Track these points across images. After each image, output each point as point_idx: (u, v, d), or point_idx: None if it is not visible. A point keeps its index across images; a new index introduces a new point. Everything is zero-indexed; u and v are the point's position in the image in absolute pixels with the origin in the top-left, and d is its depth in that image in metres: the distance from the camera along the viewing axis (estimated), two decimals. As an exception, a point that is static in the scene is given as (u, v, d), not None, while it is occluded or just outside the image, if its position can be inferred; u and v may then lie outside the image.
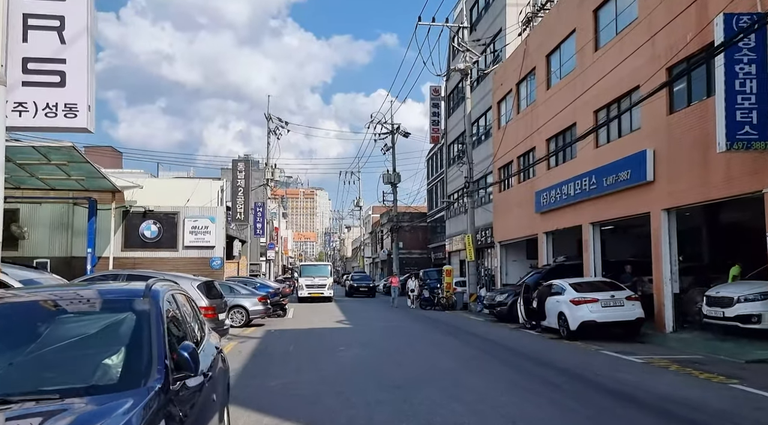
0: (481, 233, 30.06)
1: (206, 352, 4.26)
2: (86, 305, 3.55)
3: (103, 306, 3.59)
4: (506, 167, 26.36)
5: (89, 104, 6.06)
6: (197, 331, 4.55)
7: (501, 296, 19.51)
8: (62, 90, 5.95)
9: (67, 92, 5.98)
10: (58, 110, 5.99)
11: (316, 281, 33.37)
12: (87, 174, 18.10)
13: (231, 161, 23.98)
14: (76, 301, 3.54)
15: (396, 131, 44.44)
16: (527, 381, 8.65)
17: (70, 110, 6.01)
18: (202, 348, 4.22)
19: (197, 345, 4.19)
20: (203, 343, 4.37)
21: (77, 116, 6.06)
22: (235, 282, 20.31)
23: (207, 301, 11.50)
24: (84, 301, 3.60)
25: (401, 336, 15.37)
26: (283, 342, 14.19)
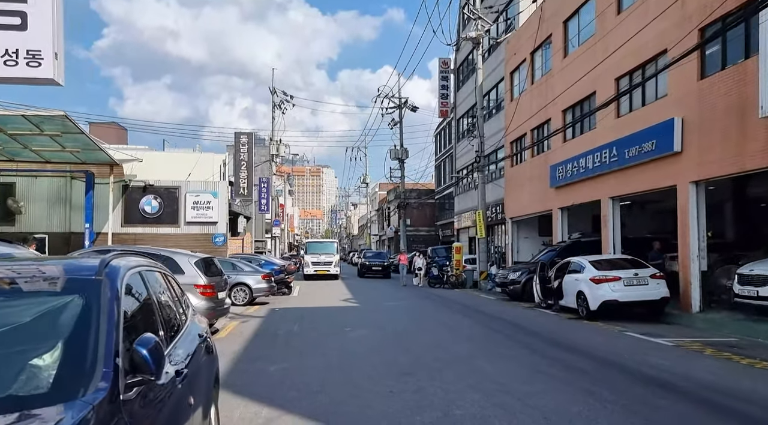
0: (492, 210, 29.21)
1: (185, 343, 3.50)
2: (20, 285, 2.78)
3: (42, 287, 2.81)
4: (519, 140, 25.37)
5: (56, 52, 5.22)
6: (178, 317, 3.80)
7: (514, 274, 18.76)
8: (23, 34, 5.09)
9: (29, 37, 5.12)
10: (19, 57, 5.16)
11: (322, 258, 32.74)
12: (83, 146, 17.33)
13: (234, 133, 23.23)
14: (6, 279, 2.77)
15: (403, 105, 43.30)
16: (551, 366, 7.91)
17: (33, 58, 5.17)
18: (180, 339, 3.46)
19: (174, 334, 3.44)
20: (182, 332, 3.61)
21: (41, 65, 5.23)
22: (239, 259, 19.65)
23: (205, 279, 10.80)
24: (18, 279, 2.83)
25: (411, 316, 14.67)
26: (287, 321, 13.53)
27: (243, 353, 9.34)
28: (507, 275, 19.13)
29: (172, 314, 3.65)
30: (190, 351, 3.50)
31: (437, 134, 53.25)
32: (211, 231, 22.26)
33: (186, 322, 3.96)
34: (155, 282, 3.54)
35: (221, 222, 22.27)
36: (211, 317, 10.98)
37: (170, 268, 10.75)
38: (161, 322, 3.12)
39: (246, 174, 22.94)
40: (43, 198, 21.01)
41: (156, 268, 3.80)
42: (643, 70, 15.58)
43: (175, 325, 3.60)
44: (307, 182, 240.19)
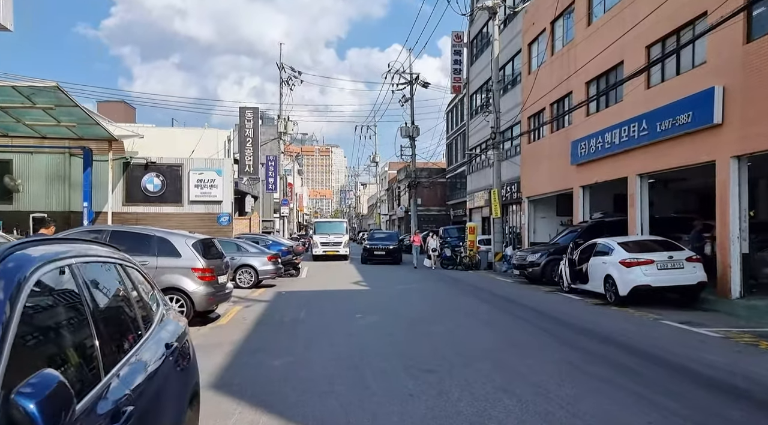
0: (507, 189, 28.13)
1: (141, 363, 2.58)
2: None
3: None
4: (537, 115, 24.17)
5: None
6: (136, 323, 2.85)
7: (533, 256, 17.79)
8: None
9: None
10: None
11: (331, 238, 31.92)
12: (79, 120, 16.46)
13: (238, 108, 22.08)
14: None
15: (415, 81, 42.01)
16: (589, 363, 6.98)
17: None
18: (134, 355, 2.54)
19: (128, 348, 2.53)
20: (139, 345, 2.69)
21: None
22: (244, 240, 18.81)
23: (204, 262, 9.94)
24: None
25: (425, 301, 13.79)
26: (294, 306, 12.70)
27: (244, 343, 8.51)
28: (525, 256, 18.16)
29: (124, 322, 2.74)
30: (150, 370, 2.59)
31: (449, 112, 51.93)
32: (216, 211, 21.43)
33: (151, 327, 3.04)
34: (100, 278, 2.61)
35: (226, 201, 21.42)
36: (211, 303, 10.16)
37: (165, 250, 9.91)
38: (98, 337, 2.20)
39: (252, 151, 21.95)
40: (42, 176, 20.24)
41: (108, 258, 2.86)
42: (678, 36, 14.35)
43: (130, 335, 2.68)
44: (316, 161, 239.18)
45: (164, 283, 9.72)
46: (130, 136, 19.72)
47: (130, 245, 10.05)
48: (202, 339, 8.98)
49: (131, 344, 2.59)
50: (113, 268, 2.86)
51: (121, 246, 9.11)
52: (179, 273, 9.79)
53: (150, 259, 9.81)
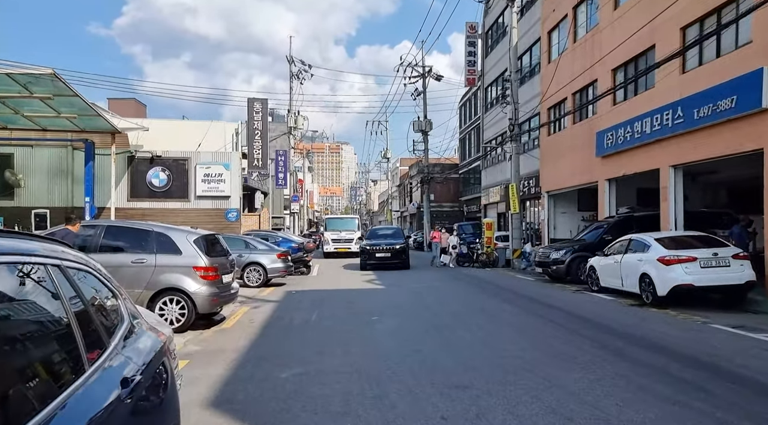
0: (525, 183, 27.12)
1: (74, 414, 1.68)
2: None
3: None
4: (557, 106, 23.12)
5: None
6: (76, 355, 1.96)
7: (557, 253, 16.79)
8: None
9: None
10: None
11: (342, 235, 31.09)
12: (79, 111, 15.69)
13: (246, 99, 21.25)
14: None
15: (427, 74, 41.03)
16: (645, 376, 6.04)
17: None
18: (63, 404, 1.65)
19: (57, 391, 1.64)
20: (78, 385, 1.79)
21: None
22: (253, 237, 18.00)
23: (207, 260, 9.09)
24: None
25: (445, 302, 12.86)
26: (305, 307, 11.84)
27: (250, 350, 7.65)
28: (548, 253, 17.17)
29: (49, 351, 1.84)
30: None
31: (461, 106, 50.85)
32: (224, 206, 20.63)
33: (104, 354, 2.15)
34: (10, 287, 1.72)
35: (234, 196, 20.61)
36: (215, 304, 9.31)
37: (165, 247, 9.05)
38: None
39: (261, 144, 21.08)
40: (44, 170, 19.54)
41: (38, 258, 1.98)
42: (719, 14, 13.29)
43: (59, 369, 1.79)
44: (326, 158, 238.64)
45: (163, 283, 8.91)
46: (134, 129, 18.96)
47: (126, 241, 9.25)
48: (203, 344, 8.14)
49: (53, 388, 1.69)
50: (43, 271, 1.97)
51: (116, 243, 8.25)
52: (180, 272, 8.96)
53: (148, 257, 8.99)
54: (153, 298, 8.89)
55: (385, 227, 28.12)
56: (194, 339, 8.56)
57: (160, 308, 8.90)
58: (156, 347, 2.80)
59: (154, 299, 8.90)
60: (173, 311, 8.90)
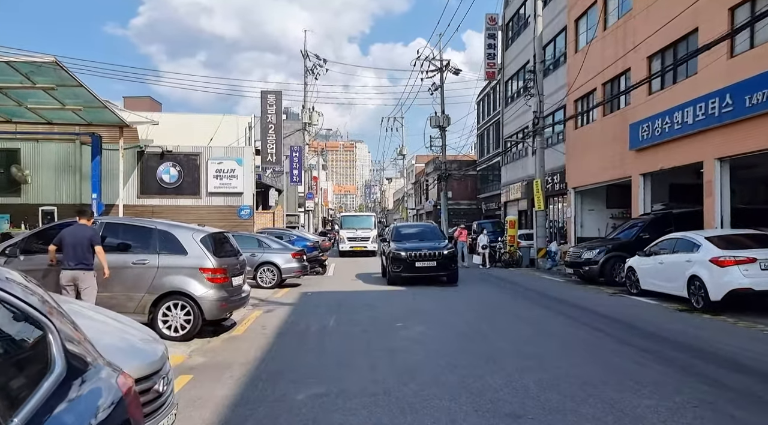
0: (548, 179, 25.97)
1: None
2: None
3: None
4: (585, 97, 21.99)
5: None
6: None
7: (590, 253, 15.72)
8: None
9: None
10: None
11: (358, 233, 30.20)
12: (85, 103, 14.92)
13: (260, 92, 20.37)
14: None
15: (445, 68, 39.93)
16: (733, 402, 5.03)
17: None
18: None
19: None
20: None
21: None
22: (266, 235, 17.16)
23: (215, 261, 8.21)
24: None
25: (473, 306, 11.88)
26: (321, 311, 10.94)
27: (261, 363, 6.76)
28: (580, 253, 16.10)
29: None
30: None
31: (479, 101, 49.73)
32: (236, 203, 19.83)
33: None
34: None
35: (247, 193, 19.80)
36: (223, 310, 8.43)
37: (168, 247, 8.15)
38: None
39: (274, 139, 20.19)
40: (51, 166, 18.87)
41: None
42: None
43: None
44: (340, 157, 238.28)
45: (167, 286, 8.06)
46: (143, 122, 18.20)
47: (127, 240, 8.43)
48: (210, 355, 7.27)
49: None
50: None
51: (115, 242, 7.38)
52: (185, 274, 8.10)
53: (150, 257, 8.14)
54: (156, 302, 8.04)
55: (415, 225, 20.69)
56: (200, 348, 7.70)
57: (164, 314, 8.05)
58: (111, 399, 1.86)
59: (157, 304, 8.05)
60: (178, 317, 8.04)
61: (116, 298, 8.06)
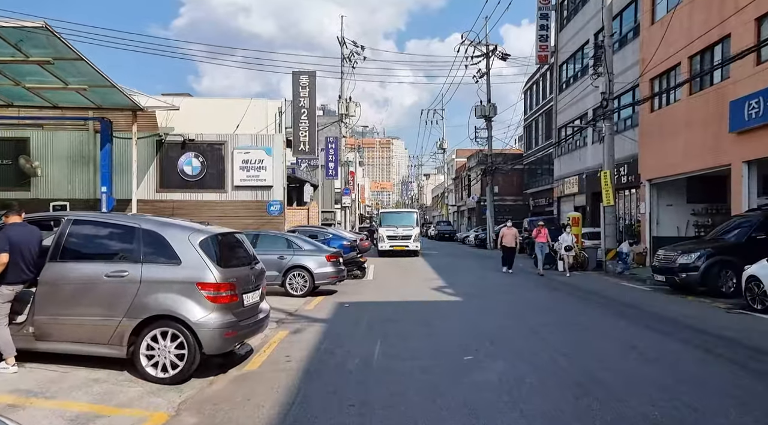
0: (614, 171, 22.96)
1: None
2: None
3: None
4: (665, 75, 19.00)
5: None
6: None
7: (687, 257, 12.88)
8: None
9: None
10: None
11: (399, 231, 27.79)
12: (89, 81, 12.96)
13: (291, 73, 18.15)
14: None
15: (491, 53, 37.10)
16: None
17: None
18: None
19: None
20: None
21: None
22: (297, 234, 14.94)
23: (218, 273, 5.91)
24: None
25: (559, 327, 9.29)
26: (362, 332, 8.57)
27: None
28: (674, 257, 13.26)
29: None
30: None
31: (526, 91, 46.63)
32: (265, 198, 17.67)
33: None
34: None
35: (277, 186, 17.62)
36: (230, 340, 6.11)
37: (156, 253, 4.89)
38: None
39: (307, 125, 17.95)
40: (63, 157, 17.08)
41: None
42: None
43: None
44: (377, 154, 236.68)
45: (152, 308, 5.82)
46: (162, 107, 16.17)
47: (101, 243, 6.22)
48: (209, 412, 4.98)
49: None
50: None
51: (84, 246, 5.06)
52: (177, 291, 5.83)
53: (130, 267, 5.91)
54: (138, 330, 5.81)
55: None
56: (197, 396, 5.42)
57: (149, 347, 5.80)
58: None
59: (140, 332, 5.81)
60: (167, 351, 5.78)
61: (83, 325, 5.86)
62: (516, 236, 19.43)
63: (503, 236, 19.40)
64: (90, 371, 5.95)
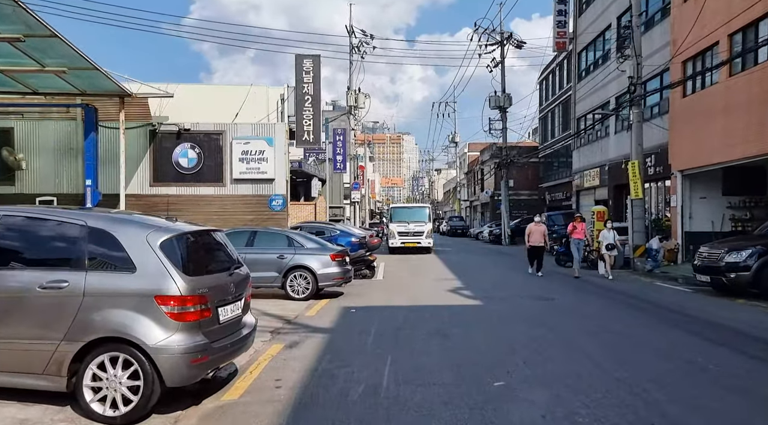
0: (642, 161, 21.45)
1: None
2: None
3: None
4: (700, 56, 17.49)
5: None
6: None
7: (735, 255, 11.45)
8: None
9: None
10: None
11: (411, 227, 26.44)
12: (69, 63, 11.75)
13: (295, 56, 16.81)
14: None
15: (507, 41, 35.59)
16: None
17: None
18: None
19: None
20: None
21: None
22: (299, 231, 13.66)
23: (184, 283, 4.63)
24: None
25: (599, 336, 7.94)
26: (370, 348, 7.27)
27: None
28: (719, 255, 11.82)
29: None
30: None
31: (542, 81, 45.00)
32: (267, 192, 16.44)
33: None
34: None
35: (279, 179, 16.37)
36: (200, 367, 4.81)
37: (105, 258, 3.96)
38: None
39: (311, 113, 16.63)
40: (49, 148, 15.95)
41: None
42: None
43: None
44: (387, 149, 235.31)
45: (97, 328, 4.57)
46: (154, 95, 14.97)
47: (32, 246, 4.94)
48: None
49: None
50: None
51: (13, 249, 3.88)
52: (130, 307, 4.56)
53: (71, 277, 4.64)
54: (81, 356, 4.55)
55: None
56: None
57: (95, 377, 4.55)
58: None
59: (83, 358, 4.55)
60: (117, 382, 4.51)
61: (10, 350, 4.61)
62: (545, 233, 16.94)
63: (530, 233, 16.69)
64: (20, 408, 4.69)
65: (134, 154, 15.75)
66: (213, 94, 17.27)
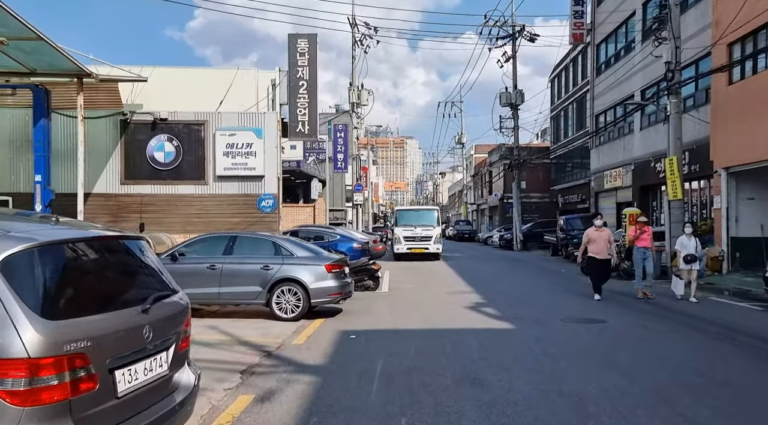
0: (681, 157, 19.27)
1: None
2: None
3: None
4: (750, 37, 15.36)
5: None
6: None
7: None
8: None
9: None
10: None
11: (418, 232, 24.31)
12: (9, 32, 9.69)
13: (287, 35, 14.74)
14: None
15: (519, 34, 33.52)
16: None
17: None
18: None
19: None
20: None
21: None
22: (288, 238, 11.56)
23: (34, 334, 2.51)
24: None
25: (703, 387, 5.78)
26: (375, 401, 5.09)
27: None
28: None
29: None
30: None
31: (553, 79, 42.87)
32: (255, 191, 14.34)
33: None
34: None
35: (270, 176, 14.27)
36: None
37: None
38: None
39: (307, 101, 14.42)
40: (3, 141, 13.87)
41: None
42: None
43: None
44: (390, 153, 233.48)
45: None
46: (125, 79, 12.89)
47: None
48: None
49: None
50: None
51: None
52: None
53: None
54: None
55: None
56: None
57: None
58: None
59: None
60: None
61: None
62: (611, 240, 12.51)
63: (591, 241, 12.18)
64: None
65: (102, 147, 13.68)
66: (194, 78, 15.12)
